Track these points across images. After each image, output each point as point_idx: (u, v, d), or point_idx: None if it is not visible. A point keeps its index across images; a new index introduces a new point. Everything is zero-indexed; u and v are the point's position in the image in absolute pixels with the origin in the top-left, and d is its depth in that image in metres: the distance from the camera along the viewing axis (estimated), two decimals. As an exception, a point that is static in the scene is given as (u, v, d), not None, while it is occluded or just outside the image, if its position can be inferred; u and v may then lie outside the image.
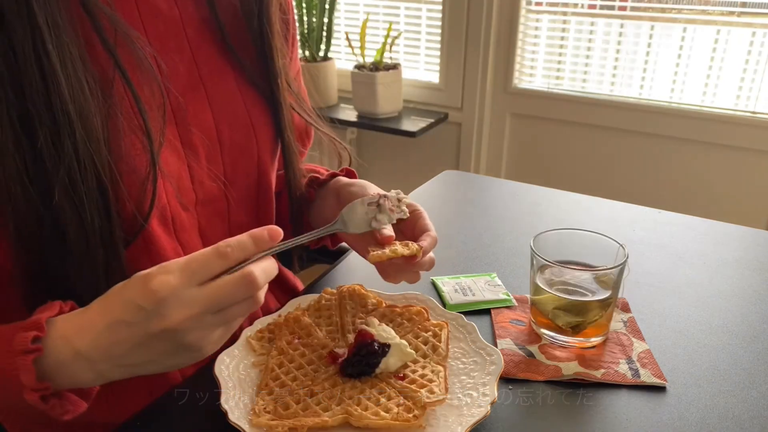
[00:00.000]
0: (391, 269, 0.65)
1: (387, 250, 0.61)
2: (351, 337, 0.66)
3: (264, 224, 0.75)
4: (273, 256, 0.53)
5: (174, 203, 0.63)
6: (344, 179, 0.77)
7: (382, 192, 0.66)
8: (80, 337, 0.48)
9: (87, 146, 0.51)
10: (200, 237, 0.68)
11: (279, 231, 0.51)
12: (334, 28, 2.31)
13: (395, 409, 0.56)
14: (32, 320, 0.48)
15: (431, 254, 0.65)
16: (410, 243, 0.62)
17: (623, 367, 0.65)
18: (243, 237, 0.49)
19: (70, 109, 0.50)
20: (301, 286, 0.87)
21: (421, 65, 2.40)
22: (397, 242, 0.63)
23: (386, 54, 2.22)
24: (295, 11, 0.71)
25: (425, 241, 0.63)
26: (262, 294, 0.50)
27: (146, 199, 0.58)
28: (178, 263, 0.47)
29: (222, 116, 0.67)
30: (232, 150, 0.68)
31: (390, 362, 0.60)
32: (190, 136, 0.64)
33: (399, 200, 0.64)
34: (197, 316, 0.46)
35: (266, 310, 0.76)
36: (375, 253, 0.61)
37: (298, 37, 0.82)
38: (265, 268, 0.50)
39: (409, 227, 0.67)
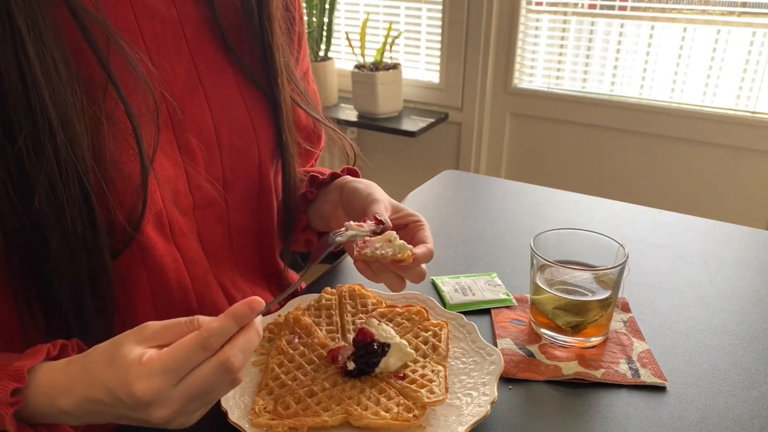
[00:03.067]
0: (375, 266, 0.61)
1: (376, 251, 0.58)
2: (351, 337, 0.66)
3: (265, 226, 0.76)
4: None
5: (171, 209, 0.62)
6: (349, 177, 0.76)
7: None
8: (63, 398, 0.47)
9: (69, 151, 0.50)
10: (199, 241, 0.67)
11: (260, 301, 0.48)
12: (334, 27, 2.31)
13: (395, 409, 0.56)
14: (14, 369, 0.48)
15: (423, 267, 0.61)
16: (405, 244, 0.59)
17: (623, 367, 0.65)
18: (225, 321, 0.46)
19: (51, 113, 0.49)
20: (303, 284, 0.87)
21: (421, 65, 2.40)
22: (394, 234, 0.60)
23: (386, 54, 2.22)
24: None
25: (419, 250, 0.60)
26: (242, 373, 0.49)
27: (139, 207, 0.57)
28: (161, 362, 0.44)
29: (222, 118, 0.66)
30: (232, 152, 0.67)
31: (390, 362, 0.60)
32: (187, 140, 0.63)
33: None
34: (180, 410, 0.46)
35: (266, 311, 0.76)
36: (362, 251, 0.59)
37: (306, 35, 0.80)
38: (243, 347, 0.47)
39: (407, 237, 0.64)
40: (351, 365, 0.60)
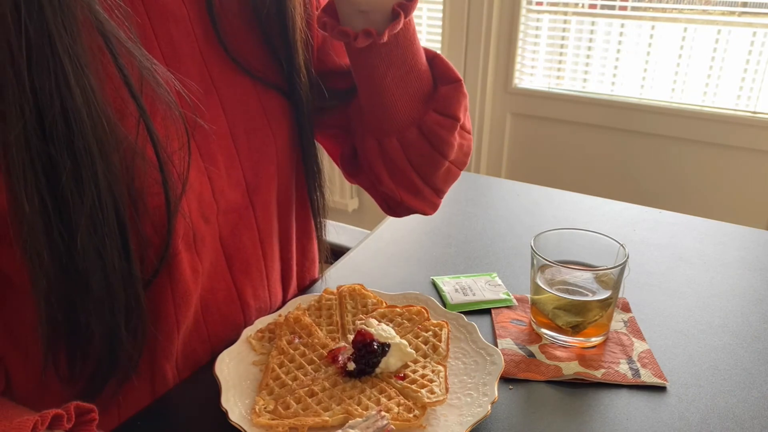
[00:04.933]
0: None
1: None
2: (351, 337, 0.66)
3: (284, 226, 0.73)
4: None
5: (197, 220, 0.61)
6: None
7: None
8: None
9: (107, 184, 0.49)
10: (221, 247, 0.65)
11: None
12: (335, 27, 2.31)
13: (396, 409, 0.56)
14: None
15: None
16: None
17: (623, 367, 0.65)
18: None
19: (93, 146, 0.47)
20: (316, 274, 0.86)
21: (421, 65, 2.39)
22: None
23: (386, 54, 2.21)
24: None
25: None
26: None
27: (168, 238, 0.56)
28: None
29: (237, 120, 0.64)
30: (251, 154, 0.65)
31: (390, 362, 0.60)
32: (208, 146, 0.61)
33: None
34: None
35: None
36: None
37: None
38: None
39: None
40: (351, 365, 0.60)
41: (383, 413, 0.53)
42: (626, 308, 0.75)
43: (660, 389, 0.63)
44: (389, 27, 0.59)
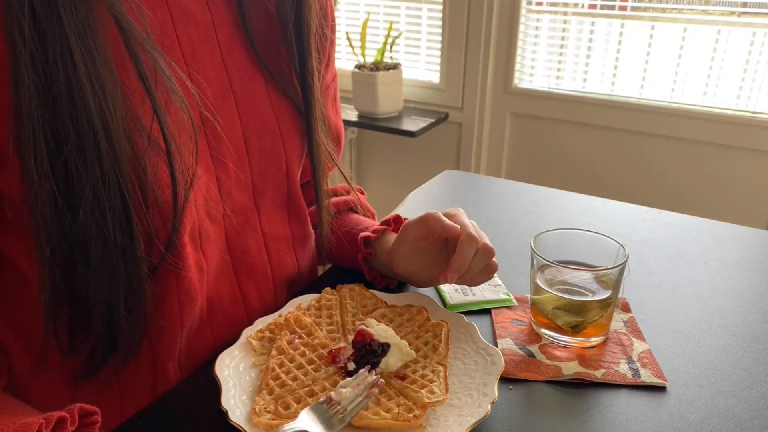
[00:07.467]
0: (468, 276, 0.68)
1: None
2: (351, 337, 0.66)
3: (300, 234, 0.76)
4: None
5: (203, 217, 0.61)
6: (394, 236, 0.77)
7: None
8: None
9: (111, 160, 0.50)
10: (227, 248, 0.66)
11: None
12: (335, 27, 2.31)
13: (396, 409, 0.56)
14: None
15: (494, 261, 0.69)
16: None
17: (623, 367, 0.65)
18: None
19: (96, 122, 0.49)
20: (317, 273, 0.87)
21: (421, 65, 2.40)
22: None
23: (387, 54, 2.22)
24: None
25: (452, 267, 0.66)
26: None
27: (175, 227, 0.57)
28: None
29: (250, 124, 0.65)
30: (261, 159, 0.67)
31: (390, 362, 0.61)
32: (219, 146, 0.62)
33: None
34: None
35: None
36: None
37: (336, 43, 0.80)
38: None
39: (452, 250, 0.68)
40: (351, 366, 0.60)
41: (372, 370, 0.56)
42: (626, 308, 0.75)
43: (660, 389, 0.63)
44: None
